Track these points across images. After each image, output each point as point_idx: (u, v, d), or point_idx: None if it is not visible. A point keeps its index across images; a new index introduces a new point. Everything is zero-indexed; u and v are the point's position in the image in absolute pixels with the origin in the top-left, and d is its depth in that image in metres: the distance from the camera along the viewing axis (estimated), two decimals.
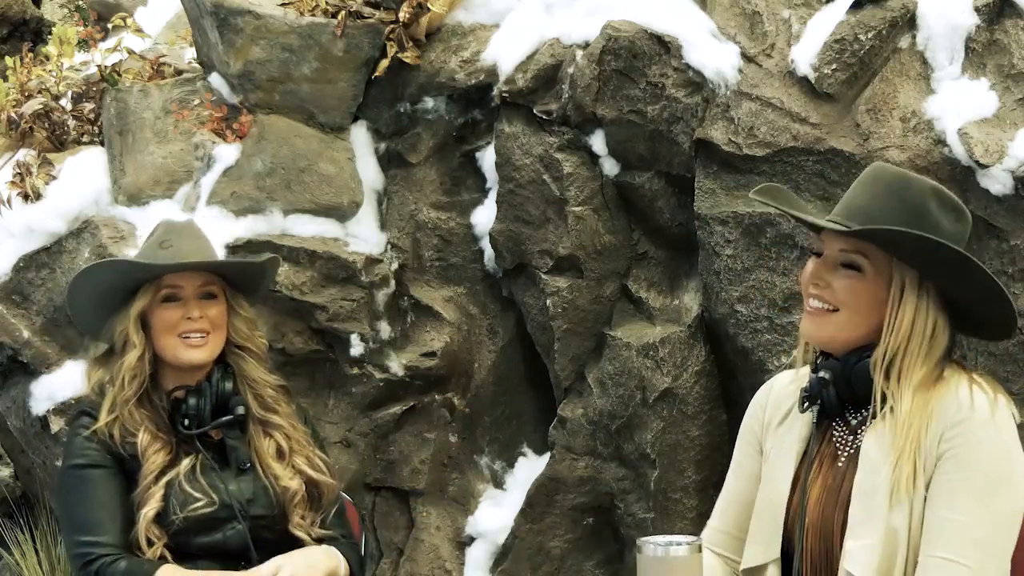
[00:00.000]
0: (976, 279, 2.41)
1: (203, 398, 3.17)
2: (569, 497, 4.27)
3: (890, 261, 2.42)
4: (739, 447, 2.66)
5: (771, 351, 3.88)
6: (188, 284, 3.19)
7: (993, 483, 2.35)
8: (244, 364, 3.25)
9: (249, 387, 3.24)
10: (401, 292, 4.44)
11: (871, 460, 2.41)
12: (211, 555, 3.13)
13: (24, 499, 5.06)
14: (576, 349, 4.23)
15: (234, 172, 4.40)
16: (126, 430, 3.13)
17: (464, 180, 4.48)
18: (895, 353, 2.41)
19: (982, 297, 2.44)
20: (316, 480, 3.22)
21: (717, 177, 3.93)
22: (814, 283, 2.48)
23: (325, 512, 3.23)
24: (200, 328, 3.17)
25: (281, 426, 3.24)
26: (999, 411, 2.39)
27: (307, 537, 3.18)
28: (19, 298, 4.59)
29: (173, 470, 3.12)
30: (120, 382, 3.16)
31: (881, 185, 2.46)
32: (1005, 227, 3.63)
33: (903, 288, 2.42)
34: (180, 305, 3.17)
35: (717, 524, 2.65)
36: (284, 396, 3.31)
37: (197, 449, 3.16)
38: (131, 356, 3.15)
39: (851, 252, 2.45)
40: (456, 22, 4.48)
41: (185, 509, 3.09)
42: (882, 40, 3.78)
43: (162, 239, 3.23)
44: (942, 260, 2.39)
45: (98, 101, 4.82)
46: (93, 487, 3.12)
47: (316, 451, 3.29)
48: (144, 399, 3.17)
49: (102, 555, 3.07)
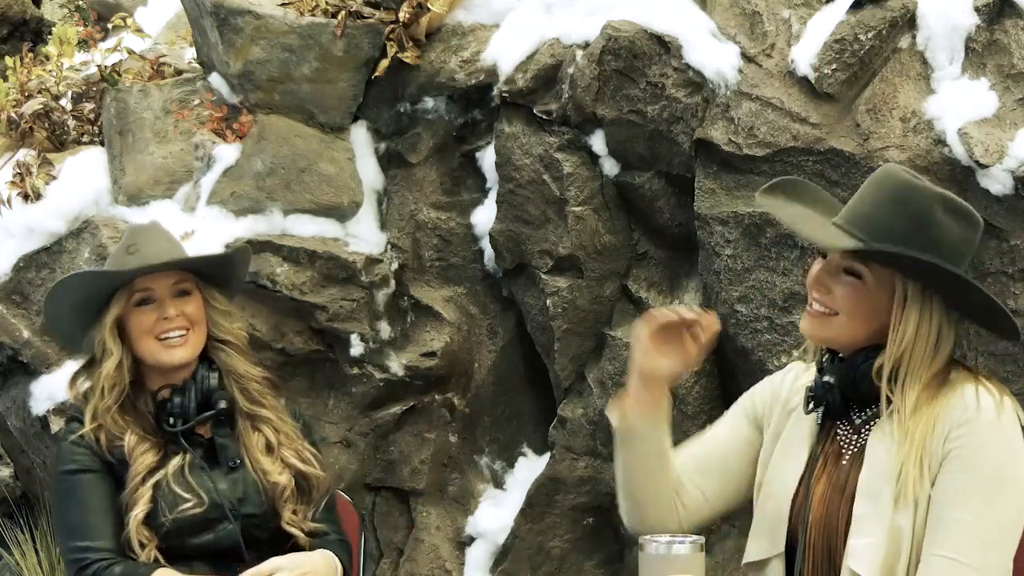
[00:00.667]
0: (974, 298, 2.43)
1: (187, 395, 3.17)
2: (569, 497, 4.27)
3: (894, 274, 2.42)
4: (731, 414, 2.67)
5: (771, 351, 3.88)
6: (160, 285, 3.17)
7: (998, 484, 2.35)
8: (227, 358, 3.23)
9: (234, 381, 3.22)
10: (401, 292, 4.44)
11: (876, 459, 2.42)
12: (204, 556, 3.13)
13: (24, 499, 5.05)
14: (576, 349, 4.23)
15: (234, 172, 4.40)
16: (112, 435, 3.13)
17: (464, 180, 4.48)
18: (899, 360, 2.42)
19: (982, 312, 2.46)
20: (305, 473, 3.20)
21: (717, 177, 3.93)
22: (817, 287, 2.48)
23: (316, 506, 3.23)
24: (178, 326, 3.15)
25: (269, 419, 3.22)
26: (1005, 412, 2.39)
27: (300, 533, 3.17)
28: (19, 298, 4.59)
29: (161, 471, 3.11)
30: (100, 391, 3.15)
31: (887, 192, 2.45)
32: (1005, 227, 3.63)
33: (906, 297, 2.42)
34: (155, 307, 3.16)
35: (681, 456, 2.66)
36: (270, 389, 3.29)
37: (185, 448, 3.16)
38: (108, 364, 3.14)
39: (853, 261, 2.45)
40: (456, 22, 4.48)
41: (174, 511, 3.08)
42: (882, 40, 3.78)
43: (128, 244, 3.21)
44: (940, 279, 2.40)
45: (98, 101, 4.82)
46: (85, 492, 3.12)
47: (305, 444, 3.27)
48: (127, 405, 3.16)
49: (96, 560, 3.06)
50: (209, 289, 3.25)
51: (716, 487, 2.63)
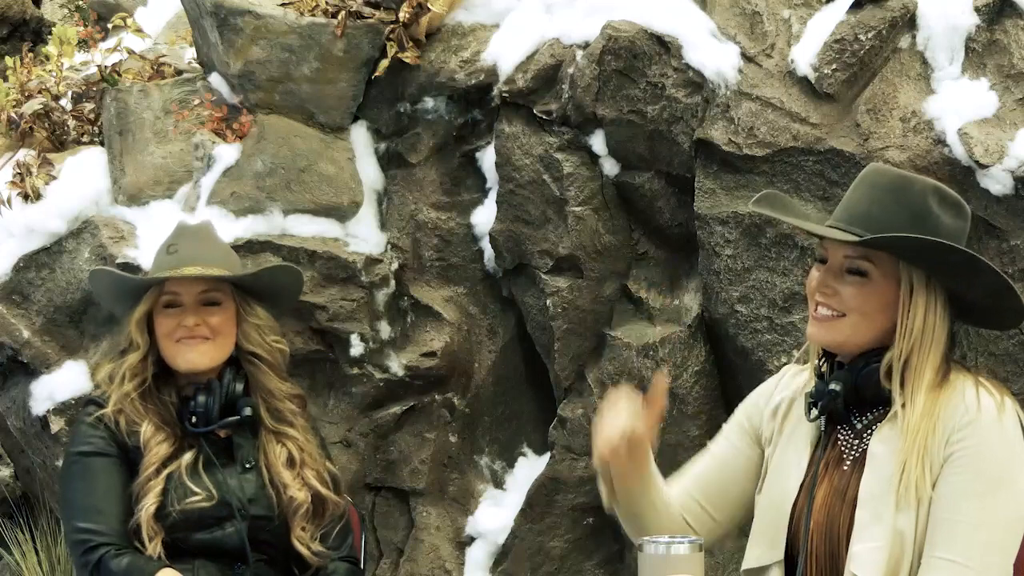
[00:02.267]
0: (984, 277, 2.42)
1: (212, 396, 3.17)
2: (569, 497, 4.27)
3: (897, 263, 2.42)
4: (726, 430, 2.66)
5: (771, 351, 3.88)
6: (188, 291, 3.19)
7: (998, 486, 2.34)
8: (256, 372, 3.24)
9: (262, 398, 3.23)
10: (401, 292, 4.44)
11: (878, 463, 2.41)
12: (207, 553, 3.13)
13: (24, 499, 5.05)
14: (576, 349, 4.23)
15: (234, 172, 4.40)
16: (131, 419, 3.15)
17: (464, 180, 4.48)
18: (910, 353, 2.41)
19: (990, 292, 2.44)
20: (323, 495, 3.21)
21: (717, 177, 3.93)
22: (821, 291, 2.47)
23: (327, 528, 3.22)
24: (197, 335, 3.17)
25: (296, 438, 3.23)
26: (1006, 414, 2.39)
27: (307, 552, 3.18)
28: (19, 298, 4.59)
29: (175, 463, 3.12)
30: (120, 378, 3.19)
31: (881, 188, 2.46)
32: (1005, 227, 3.63)
33: (912, 289, 2.42)
34: (179, 312, 3.19)
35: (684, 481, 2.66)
36: (300, 407, 3.30)
37: (201, 445, 3.16)
38: (133, 357, 3.20)
39: (856, 259, 2.44)
40: (456, 22, 4.48)
41: (183, 502, 3.09)
42: (882, 40, 3.78)
43: (170, 243, 3.26)
44: (950, 261, 2.39)
45: (98, 101, 4.82)
46: (96, 474, 3.13)
47: (328, 464, 3.29)
48: (149, 394, 3.19)
49: (104, 543, 3.07)
50: (247, 301, 3.25)
51: (722, 506, 2.62)
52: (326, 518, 3.22)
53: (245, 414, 3.17)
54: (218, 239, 3.35)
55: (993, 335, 3.64)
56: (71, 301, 4.52)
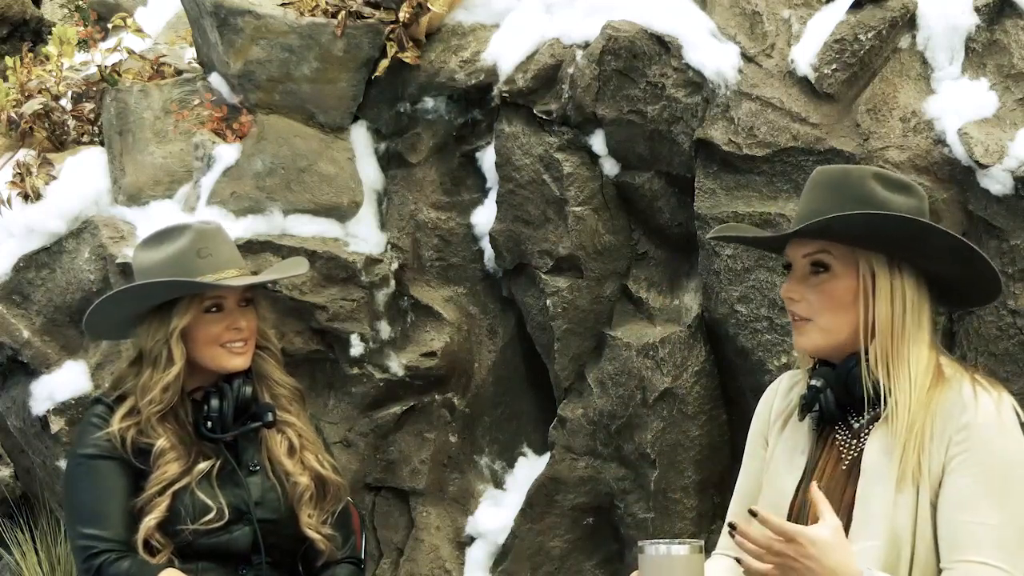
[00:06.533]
0: (940, 241, 2.42)
1: (226, 401, 3.17)
2: (569, 497, 4.27)
3: (854, 252, 2.43)
4: (748, 447, 2.68)
5: (771, 351, 3.88)
6: (231, 295, 3.19)
7: (1009, 483, 2.35)
8: (265, 364, 3.28)
9: (267, 387, 3.26)
10: (401, 292, 4.44)
11: (874, 464, 2.41)
12: (215, 556, 3.13)
13: (24, 499, 5.06)
14: (576, 349, 4.23)
15: (234, 172, 4.40)
16: (144, 434, 3.13)
17: (464, 180, 4.48)
18: (886, 343, 2.41)
19: (957, 260, 2.44)
20: (324, 477, 3.24)
21: (717, 177, 3.93)
22: (787, 298, 2.51)
23: (328, 512, 3.24)
24: (242, 337, 3.18)
25: (294, 424, 3.25)
26: (1004, 410, 2.39)
27: (317, 536, 3.19)
28: (19, 298, 4.59)
29: (184, 479, 3.11)
30: (151, 396, 3.13)
31: (823, 186, 2.50)
32: (1005, 227, 3.63)
33: (873, 274, 2.44)
34: (224, 315, 3.18)
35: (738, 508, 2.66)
36: (298, 399, 3.33)
37: (216, 453, 3.16)
38: (171, 372, 3.13)
39: (815, 253, 2.48)
40: (456, 22, 4.48)
41: (196, 520, 3.09)
42: (882, 40, 3.78)
43: (199, 247, 3.19)
44: (902, 234, 2.40)
45: (98, 101, 4.82)
46: (101, 478, 3.12)
47: (325, 453, 3.32)
48: (170, 409, 3.16)
49: (106, 550, 3.07)
50: (259, 299, 3.30)
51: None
52: (328, 500, 3.23)
53: (268, 419, 3.18)
54: (230, 238, 3.36)
55: (993, 335, 3.65)
56: (71, 301, 4.53)
